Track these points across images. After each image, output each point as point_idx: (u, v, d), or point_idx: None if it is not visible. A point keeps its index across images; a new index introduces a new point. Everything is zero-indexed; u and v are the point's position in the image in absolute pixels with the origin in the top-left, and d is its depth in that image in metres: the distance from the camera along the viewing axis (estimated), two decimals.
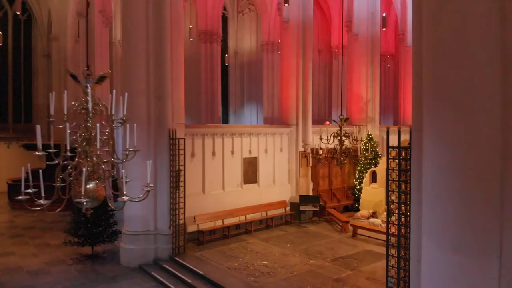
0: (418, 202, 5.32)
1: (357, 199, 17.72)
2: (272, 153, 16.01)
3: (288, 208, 16.13)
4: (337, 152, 10.85)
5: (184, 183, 12.05)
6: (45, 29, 25.70)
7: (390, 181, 6.27)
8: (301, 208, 15.97)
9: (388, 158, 6.16)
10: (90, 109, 5.41)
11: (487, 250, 4.05)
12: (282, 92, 16.75)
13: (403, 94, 22.91)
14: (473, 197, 4.12)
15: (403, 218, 6.04)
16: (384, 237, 13.64)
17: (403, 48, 22.67)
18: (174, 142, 11.80)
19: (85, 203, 5.11)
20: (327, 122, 20.79)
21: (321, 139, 11.33)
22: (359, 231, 14.17)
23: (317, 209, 16.09)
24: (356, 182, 18.15)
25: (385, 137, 20.43)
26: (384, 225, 14.97)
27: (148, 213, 11.97)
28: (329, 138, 11.07)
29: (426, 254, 4.67)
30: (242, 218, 14.66)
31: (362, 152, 13.83)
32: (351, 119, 11.51)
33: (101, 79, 5.67)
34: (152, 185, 6.47)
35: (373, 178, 17.27)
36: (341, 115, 11.41)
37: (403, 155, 6.01)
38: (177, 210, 11.95)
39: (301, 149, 16.43)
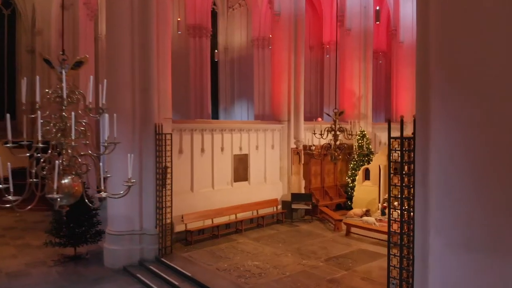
0: (424, 197, 4.88)
1: (349, 197, 17.37)
2: (263, 150, 15.54)
3: (279, 207, 15.67)
4: (331, 147, 10.39)
5: (171, 181, 11.52)
6: (29, 23, 24.87)
7: (392, 174, 5.81)
8: (293, 206, 15.53)
9: (389, 149, 5.70)
10: (64, 96, 4.92)
11: (505, 249, 3.61)
12: (274, 87, 16.29)
13: (396, 91, 22.58)
14: (490, 190, 3.68)
15: (405, 214, 5.59)
16: (378, 235, 13.41)
17: (395, 44, 22.34)
18: (161, 137, 11.25)
19: (58, 199, 4.62)
20: (319, 119, 20.38)
21: (314, 133, 10.87)
22: (353, 229, 13.77)
23: (310, 207, 15.67)
24: (348, 180, 17.77)
25: (377, 133, 20.27)
26: (378, 224, 14.63)
27: (133, 212, 11.42)
28: (323, 132, 10.62)
29: (435, 253, 4.23)
30: (232, 217, 14.16)
31: (356, 148, 13.42)
32: (344, 115, 11.10)
33: (78, 64, 5.22)
34: (134, 180, 6.00)
35: (366, 176, 16.92)
36: (335, 108, 10.97)
37: (406, 146, 5.55)
38: (164, 209, 11.42)
39: (293, 145, 15.99)
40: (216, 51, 23.55)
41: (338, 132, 10.50)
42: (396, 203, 5.71)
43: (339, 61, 18.69)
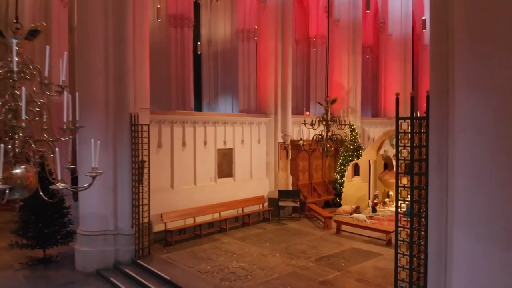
0: (440, 185, 4.15)
1: (338, 194, 16.69)
2: (249, 145, 14.72)
3: (266, 204, 14.87)
4: (323, 139, 9.62)
5: (149, 176, 10.60)
6: (3, 12, 23.50)
7: (400, 161, 5.04)
8: (280, 203, 14.75)
9: (397, 132, 4.94)
10: (15, 69, 4.10)
11: None
12: (260, 78, 15.49)
13: (384, 85, 22.02)
14: None
15: (416, 207, 4.83)
16: (370, 233, 12.75)
17: (384, 37, 21.79)
18: (136, 128, 10.32)
19: (7, 191, 3.81)
20: (307, 113, 19.65)
21: (305, 123, 10.08)
22: (343, 227, 13.05)
23: (297, 204, 14.93)
24: (337, 176, 17.09)
25: (366, 128, 19.64)
26: (369, 221, 13.97)
27: (107, 210, 10.49)
28: (314, 122, 9.84)
29: (461, 251, 3.48)
30: (216, 215, 13.29)
31: (349, 138, 12.64)
32: (335, 104, 10.37)
33: (33, 33, 4.47)
34: (101, 171, 5.15)
35: (356, 171, 16.30)
36: (328, 96, 10.22)
37: (416, 127, 4.78)
38: (141, 206, 10.49)
39: (280, 140, 15.22)
40: (199, 43, 22.58)
41: (330, 122, 9.74)
42: (404, 194, 4.94)
43: (327, 53, 17.98)
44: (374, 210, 14.98)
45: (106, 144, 10.31)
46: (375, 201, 15.37)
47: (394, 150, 15.86)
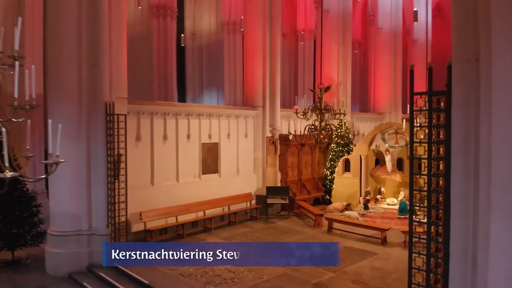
0: (466, 170, 3.43)
1: (328, 191, 16.03)
2: (235, 139, 13.91)
3: (253, 202, 14.09)
4: (316, 129, 8.89)
5: (126, 171, 9.72)
6: None
7: (415, 144, 4.32)
8: (269, 201, 14.00)
9: (412, 111, 4.22)
10: None
11: None
12: (247, 69, 14.71)
13: (374, 80, 21.46)
14: None
15: (434, 197, 4.11)
16: (364, 231, 12.02)
17: (373, 30, 21.24)
18: (112, 118, 9.42)
19: None
20: (296, 106, 18.90)
21: (296, 113, 9.34)
22: (335, 225, 12.37)
23: (286, 201, 14.21)
24: (327, 172, 16.43)
25: (355, 124, 19.02)
26: (361, 219, 13.33)
27: (80, 209, 9.59)
28: (306, 111, 9.10)
29: (503, 246, 2.77)
30: (200, 214, 12.45)
31: (343, 129, 11.90)
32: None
33: None
34: (63, 160, 4.42)
35: (346, 167, 15.66)
36: (321, 83, 9.49)
37: (435, 105, 4.07)
38: (117, 204, 9.61)
39: (268, 134, 14.46)
40: (182, 35, 21.67)
41: (324, 111, 9.01)
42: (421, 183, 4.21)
43: (316, 46, 17.40)
44: (366, 207, 14.36)
45: (78, 135, 9.44)
46: (367, 197, 14.75)
47: (386, 145, 15.34)
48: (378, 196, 15.11)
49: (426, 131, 4.03)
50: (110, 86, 9.76)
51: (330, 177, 16.17)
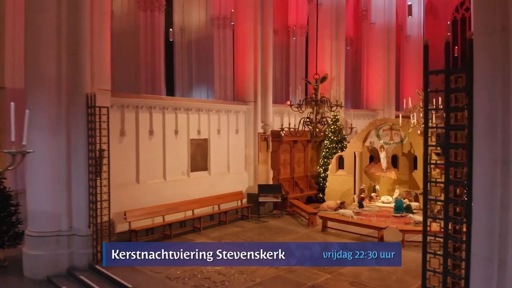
0: (491, 156, 2.94)
1: (321, 189, 15.57)
2: (226, 135, 13.35)
3: (245, 201, 13.54)
4: (311, 122, 8.39)
5: (109, 168, 9.12)
6: None
7: (430, 129, 3.83)
8: (261, 199, 13.48)
9: (426, 90, 3.72)
10: None
11: None
12: (238, 63, 14.17)
13: (366, 76, 21.05)
14: None
15: (452, 189, 3.62)
16: (359, 230, 11.57)
17: (366, 25, 20.82)
18: (93, 111, 8.81)
19: None
20: (288, 102, 18.42)
21: (290, 105, 8.82)
22: (330, 224, 11.89)
23: (279, 200, 13.70)
24: (320, 170, 15.97)
25: (348, 120, 18.58)
26: (356, 217, 12.87)
27: (60, 208, 8.99)
28: (301, 103, 8.60)
29: None
30: (189, 213, 11.88)
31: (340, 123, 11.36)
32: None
33: None
34: (31, 151, 3.87)
35: (340, 164, 15.22)
36: (316, 73, 9.01)
37: (452, 83, 3.57)
38: (100, 203, 8.99)
39: (260, 130, 13.93)
40: (170, 29, 21.04)
41: (320, 103, 8.52)
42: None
43: (308, 40, 16.93)
44: (360, 205, 13.91)
45: (57, 129, 8.84)
46: (362, 195, 14.31)
47: (381, 141, 14.91)
48: (373, 194, 14.69)
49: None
50: (91, 77, 9.17)
51: (323, 174, 15.72)
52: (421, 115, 12.35)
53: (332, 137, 15.70)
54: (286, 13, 24.15)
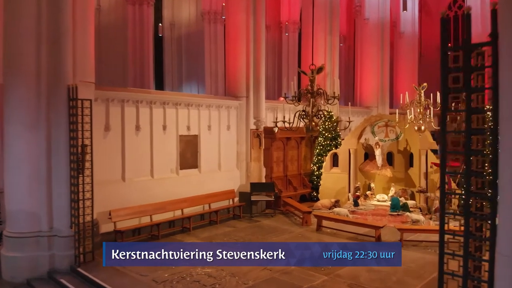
0: None
1: (315, 187, 15.15)
2: (217, 131, 12.87)
3: (236, 199, 13.07)
4: (308, 116, 7.94)
5: (92, 164, 8.57)
6: None
7: (447, 114, 3.38)
8: (253, 198, 13.01)
9: (446, 70, 3.28)
10: None
11: None
12: (229, 57, 13.70)
13: (360, 73, 20.70)
14: None
15: (474, 182, 3.19)
16: (355, 229, 11.16)
17: (360, 21, 20.47)
18: (75, 103, 8.26)
19: None
20: (281, 98, 17.99)
21: (285, 97, 8.36)
22: (325, 223, 11.47)
23: (272, 198, 13.26)
24: (314, 167, 15.56)
25: (343, 117, 18.19)
26: (351, 216, 12.46)
27: (39, 207, 8.43)
28: (296, 95, 8.14)
29: None
30: (178, 213, 11.37)
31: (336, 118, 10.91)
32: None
33: None
34: None
35: (334, 162, 14.80)
36: (312, 64, 8.56)
37: (474, 60, 3.13)
38: (82, 201, 8.44)
39: (252, 126, 13.47)
40: (160, 24, 20.49)
41: (316, 95, 8.08)
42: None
43: (301, 35, 16.51)
44: (356, 203, 13.52)
45: (37, 124, 8.30)
46: (357, 194, 13.92)
47: (376, 138, 14.55)
48: (368, 192, 14.31)
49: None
50: (73, 68, 8.61)
51: (317, 172, 15.31)
52: (419, 110, 12.00)
53: (326, 134, 15.31)
54: (278, 9, 23.72)
